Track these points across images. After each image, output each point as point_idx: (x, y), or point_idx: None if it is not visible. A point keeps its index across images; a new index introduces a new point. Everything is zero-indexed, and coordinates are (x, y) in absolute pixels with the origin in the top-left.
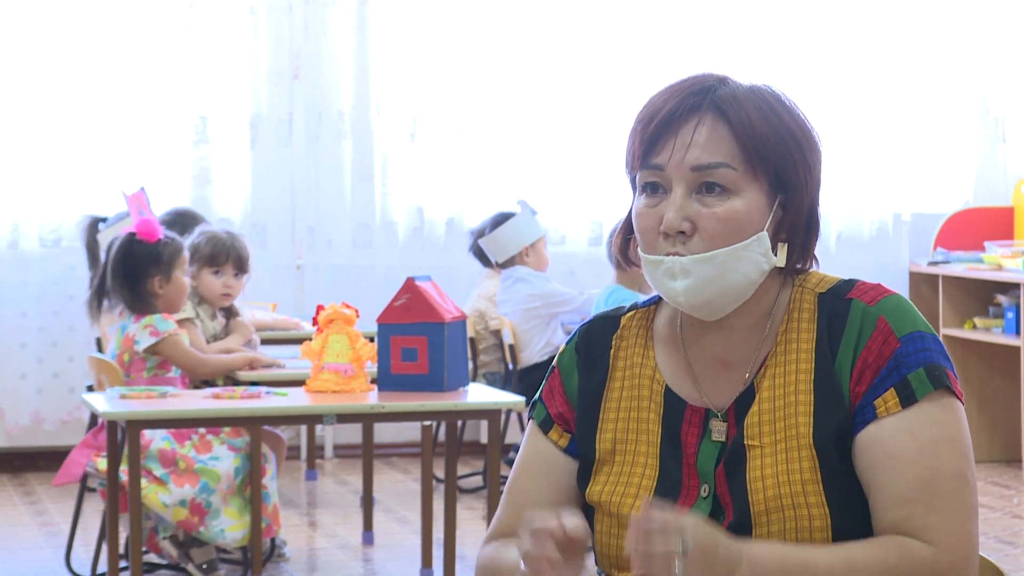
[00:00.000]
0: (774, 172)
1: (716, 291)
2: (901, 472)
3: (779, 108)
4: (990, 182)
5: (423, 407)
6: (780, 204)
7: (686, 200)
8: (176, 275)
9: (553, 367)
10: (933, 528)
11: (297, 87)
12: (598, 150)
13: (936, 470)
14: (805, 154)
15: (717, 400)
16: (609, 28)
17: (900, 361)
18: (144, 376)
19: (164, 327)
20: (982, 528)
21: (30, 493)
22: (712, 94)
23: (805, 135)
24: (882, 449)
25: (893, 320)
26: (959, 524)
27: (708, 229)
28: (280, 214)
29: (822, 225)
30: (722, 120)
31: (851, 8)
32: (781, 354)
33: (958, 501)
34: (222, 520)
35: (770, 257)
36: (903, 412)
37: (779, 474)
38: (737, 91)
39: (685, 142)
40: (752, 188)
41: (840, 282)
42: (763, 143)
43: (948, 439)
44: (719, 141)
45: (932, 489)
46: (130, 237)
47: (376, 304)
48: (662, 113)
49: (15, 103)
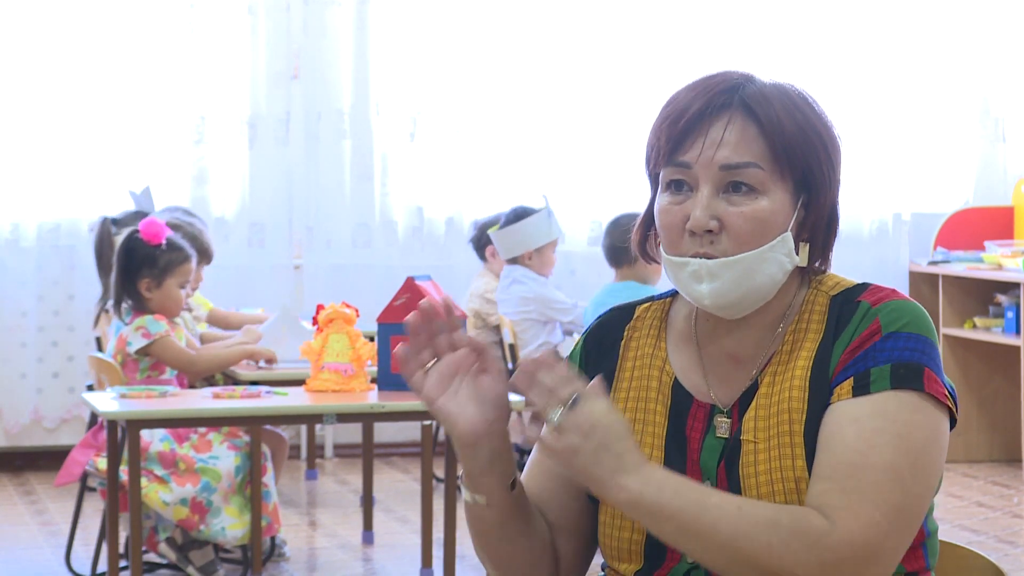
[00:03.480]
0: (800, 172)
1: (742, 293)
2: (832, 451)
3: (804, 107)
4: (990, 182)
5: (423, 407)
6: (803, 204)
7: (713, 199)
8: (168, 283)
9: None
10: (838, 507)
11: (296, 87)
12: (598, 149)
13: (866, 457)
14: (830, 153)
15: (724, 396)
16: (608, 28)
17: (870, 354)
18: (137, 378)
19: (156, 328)
20: (982, 528)
21: (30, 493)
22: (741, 92)
23: (829, 134)
24: (825, 431)
25: (887, 319)
26: (868, 513)
27: (735, 228)
28: (279, 214)
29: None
30: (751, 119)
31: (851, 9)
32: (786, 353)
33: (878, 492)
34: (223, 518)
35: (793, 257)
36: (852, 400)
37: (772, 471)
38: (765, 89)
39: (715, 140)
40: (778, 188)
41: (855, 285)
42: (791, 143)
43: (895, 434)
44: (748, 140)
45: (854, 474)
46: (133, 234)
47: (376, 304)
48: (691, 110)
49: (15, 102)
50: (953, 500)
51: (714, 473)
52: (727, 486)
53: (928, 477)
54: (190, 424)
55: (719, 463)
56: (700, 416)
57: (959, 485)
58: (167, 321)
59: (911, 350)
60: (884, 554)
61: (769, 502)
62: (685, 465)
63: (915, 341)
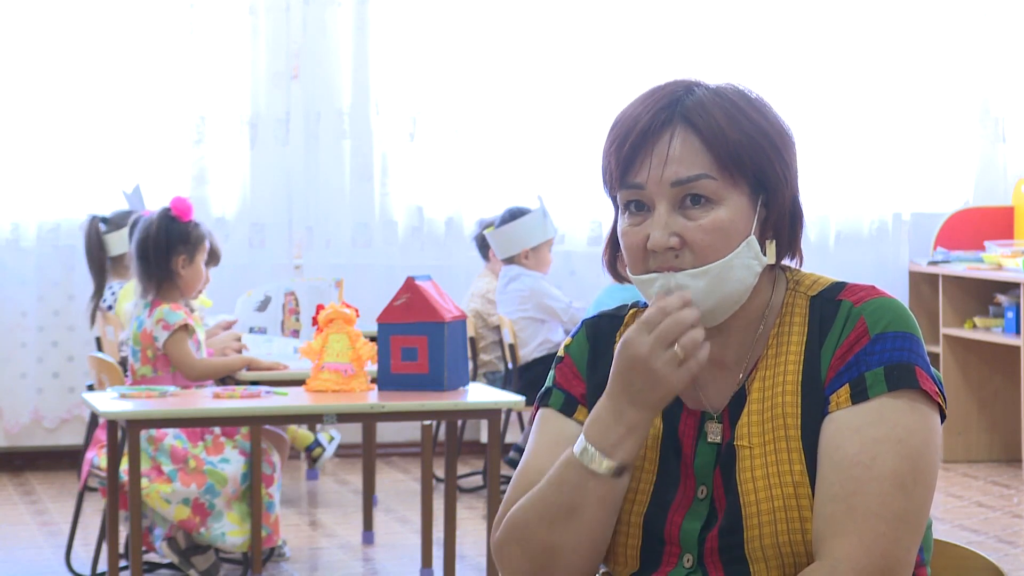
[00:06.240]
0: (752, 174)
1: (715, 302)
2: (836, 464)
3: (747, 108)
4: (990, 182)
5: (423, 407)
6: (763, 203)
7: (671, 216)
8: (198, 259)
9: (562, 356)
10: (846, 532)
11: (296, 87)
12: (598, 149)
13: (870, 468)
14: (780, 150)
15: (713, 401)
16: (608, 28)
17: (861, 358)
18: (171, 372)
19: (173, 319)
20: (982, 528)
21: (30, 493)
22: (680, 105)
23: (776, 130)
24: (826, 442)
25: (871, 319)
26: (873, 527)
27: (697, 242)
28: (279, 213)
29: (822, 224)
30: (693, 131)
31: (851, 8)
32: (772, 357)
33: (882, 504)
34: (224, 523)
35: (761, 258)
36: (852, 408)
37: (769, 476)
38: (704, 98)
39: (662, 159)
40: (734, 194)
41: (832, 284)
42: (736, 148)
43: (895, 440)
44: (694, 153)
45: (859, 488)
46: (165, 212)
47: (376, 304)
48: (635, 131)
49: (15, 102)
50: (953, 500)
51: (710, 479)
52: (723, 492)
53: (928, 478)
54: (189, 424)
55: (714, 468)
56: (691, 423)
57: (959, 485)
58: (184, 310)
59: (900, 350)
60: (896, 562)
61: (768, 508)
62: (680, 471)
63: (902, 340)
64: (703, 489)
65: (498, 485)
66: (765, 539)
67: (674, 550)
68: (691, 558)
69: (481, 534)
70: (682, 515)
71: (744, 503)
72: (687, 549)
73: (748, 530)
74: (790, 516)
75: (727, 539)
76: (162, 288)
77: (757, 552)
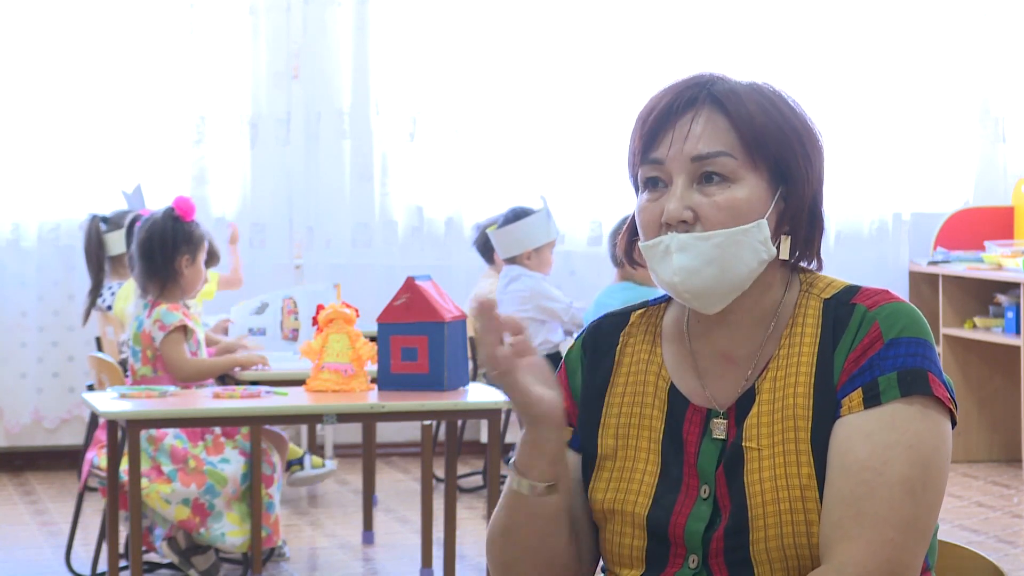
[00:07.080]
0: (774, 162)
1: (712, 276)
2: (847, 469)
3: (778, 103)
4: (990, 182)
5: (423, 407)
6: (781, 196)
7: (687, 191)
8: (199, 258)
9: (561, 363)
10: (854, 537)
11: (296, 87)
12: (598, 149)
13: (881, 474)
14: (806, 147)
15: (720, 397)
16: (608, 28)
17: (875, 363)
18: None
19: (170, 319)
20: (982, 528)
21: (30, 493)
22: (709, 88)
23: (805, 129)
24: (837, 446)
25: (886, 324)
26: (881, 533)
27: (710, 217)
28: (279, 213)
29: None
30: (719, 111)
31: (852, 8)
32: (783, 358)
33: (891, 509)
34: (224, 524)
35: (770, 247)
36: (864, 412)
37: (777, 478)
38: (736, 86)
39: (683, 134)
40: (752, 177)
41: (846, 287)
42: (762, 132)
43: (906, 445)
44: (718, 131)
45: (869, 494)
46: (169, 212)
47: (376, 304)
48: (659, 108)
49: (15, 102)
50: (953, 500)
51: (712, 477)
52: (727, 491)
53: (937, 483)
54: (189, 424)
55: (717, 467)
56: (696, 420)
57: (959, 485)
58: (182, 310)
59: (914, 355)
60: (903, 568)
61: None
62: (682, 470)
63: (916, 346)
64: (705, 489)
65: (498, 485)
66: (771, 541)
67: (679, 551)
68: (696, 559)
69: (481, 534)
70: (685, 515)
71: (751, 505)
72: (692, 550)
73: (754, 532)
74: (796, 519)
75: (732, 540)
76: (165, 287)
77: (762, 554)
